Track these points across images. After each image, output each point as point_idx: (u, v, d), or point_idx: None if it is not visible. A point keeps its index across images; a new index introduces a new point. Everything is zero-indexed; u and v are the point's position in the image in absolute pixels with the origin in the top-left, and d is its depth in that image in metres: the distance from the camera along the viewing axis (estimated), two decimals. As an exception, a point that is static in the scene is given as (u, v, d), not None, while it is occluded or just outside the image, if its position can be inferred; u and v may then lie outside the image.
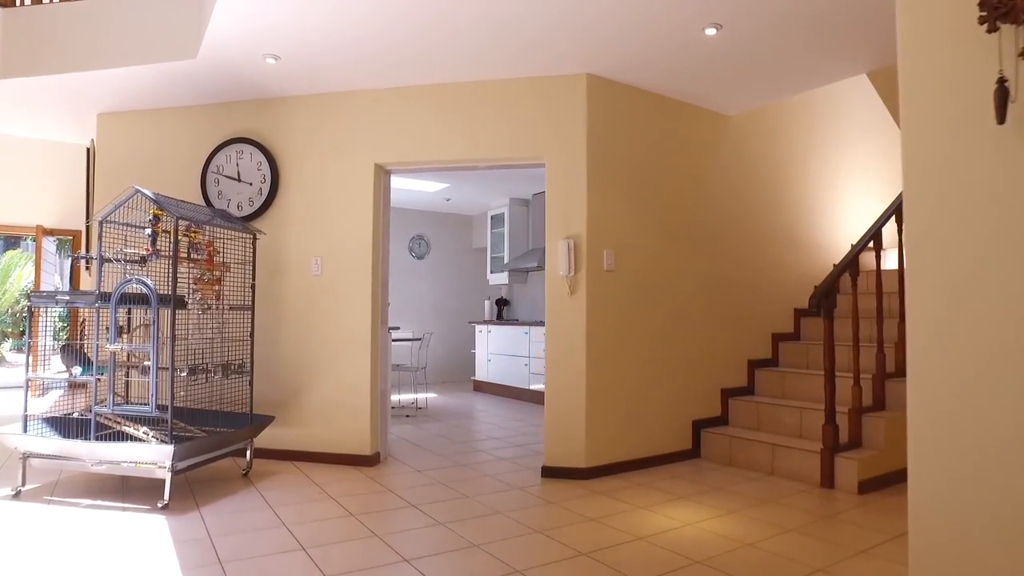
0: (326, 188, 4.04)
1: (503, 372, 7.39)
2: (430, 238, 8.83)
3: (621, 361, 3.86)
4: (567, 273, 3.66)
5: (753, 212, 4.64)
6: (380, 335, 4.02)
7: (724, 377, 4.43)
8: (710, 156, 4.39)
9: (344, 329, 3.95)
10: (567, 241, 3.67)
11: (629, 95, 3.95)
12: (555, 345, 3.74)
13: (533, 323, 6.99)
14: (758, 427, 4.17)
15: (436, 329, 8.70)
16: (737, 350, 4.51)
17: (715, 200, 4.40)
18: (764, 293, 4.69)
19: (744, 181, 4.60)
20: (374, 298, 3.96)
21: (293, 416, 4.01)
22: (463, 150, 3.88)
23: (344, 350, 3.95)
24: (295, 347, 4.02)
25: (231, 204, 4.13)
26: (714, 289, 4.37)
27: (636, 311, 3.94)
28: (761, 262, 4.69)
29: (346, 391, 3.94)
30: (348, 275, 3.97)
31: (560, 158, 3.77)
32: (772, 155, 4.81)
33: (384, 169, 4.08)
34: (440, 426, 5.37)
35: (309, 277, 4.03)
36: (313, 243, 4.04)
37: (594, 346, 3.72)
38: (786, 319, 4.87)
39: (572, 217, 3.74)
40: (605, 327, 3.79)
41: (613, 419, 3.81)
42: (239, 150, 4.14)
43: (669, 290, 4.11)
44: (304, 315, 4.02)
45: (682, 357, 4.17)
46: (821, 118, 5.22)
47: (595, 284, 3.74)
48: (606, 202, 3.82)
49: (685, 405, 4.18)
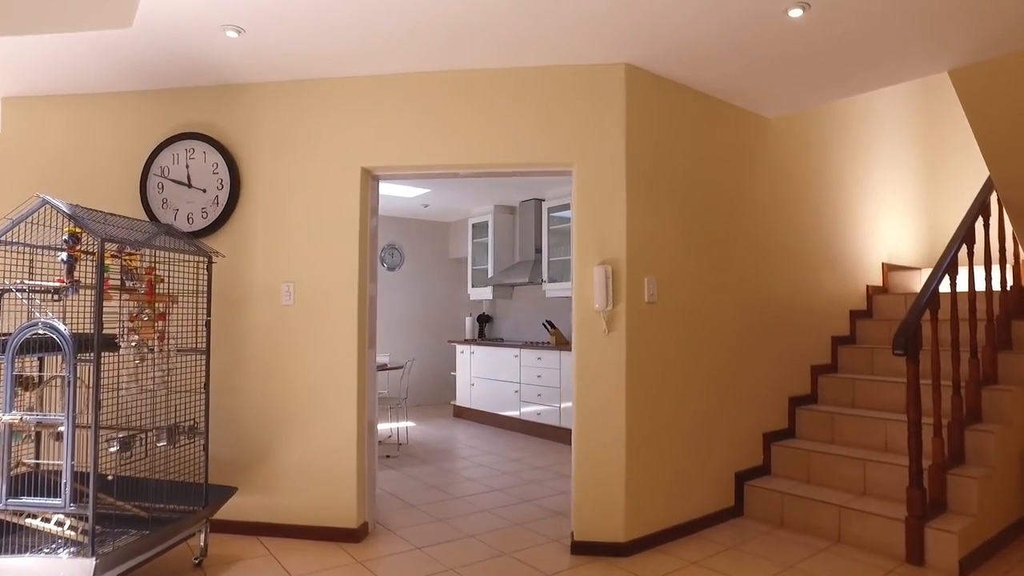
0: (301, 197, 3.27)
1: (489, 398, 6.70)
2: (404, 247, 8.06)
3: (664, 411, 3.23)
4: (604, 307, 3.01)
5: (792, 230, 4.10)
6: (368, 379, 3.28)
7: (765, 419, 3.86)
8: (751, 164, 3.81)
9: (324, 373, 3.20)
10: (604, 268, 3.02)
11: (670, 91, 3.33)
12: (587, 396, 3.08)
13: (524, 344, 6.32)
14: (808, 479, 3.61)
15: (411, 347, 7.93)
16: (776, 387, 3.95)
17: (757, 216, 3.83)
18: (802, 320, 4.16)
19: (783, 193, 4.05)
20: (361, 334, 3.22)
21: (260, 481, 3.22)
22: (471, 153, 3.18)
23: (324, 399, 3.20)
24: (261, 397, 3.24)
25: (179, 216, 3.32)
26: (756, 319, 3.79)
27: (680, 350, 3.32)
28: (800, 286, 4.15)
29: (327, 450, 3.18)
30: (328, 305, 3.21)
31: (592, 165, 3.12)
32: (809, 164, 4.28)
33: (372, 174, 3.34)
34: (429, 471, 4.64)
35: (278, 308, 3.26)
36: (284, 266, 3.27)
37: (635, 396, 3.08)
38: (824, 349, 4.34)
39: (608, 238, 3.09)
40: (647, 372, 3.15)
41: (655, 481, 3.18)
42: (190, 148, 3.33)
43: (713, 323, 3.51)
44: (273, 356, 3.24)
45: (724, 399, 3.57)
46: (853, 126, 4.73)
47: (636, 320, 3.10)
48: (647, 219, 3.19)
49: (727, 455, 3.59)
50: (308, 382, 3.21)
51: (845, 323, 4.54)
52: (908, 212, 5.29)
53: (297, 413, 3.21)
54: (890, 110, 5.14)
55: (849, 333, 4.55)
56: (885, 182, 5.02)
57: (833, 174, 4.47)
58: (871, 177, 4.85)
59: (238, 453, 3.23)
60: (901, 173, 5.24)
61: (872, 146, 4.89)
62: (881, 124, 5.03)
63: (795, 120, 4.11)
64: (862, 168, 4.77)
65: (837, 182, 4.51)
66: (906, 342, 2.89)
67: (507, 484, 4.30)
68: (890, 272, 4.96)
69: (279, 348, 3.24)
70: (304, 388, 3.21)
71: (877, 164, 4.93)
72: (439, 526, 3.42)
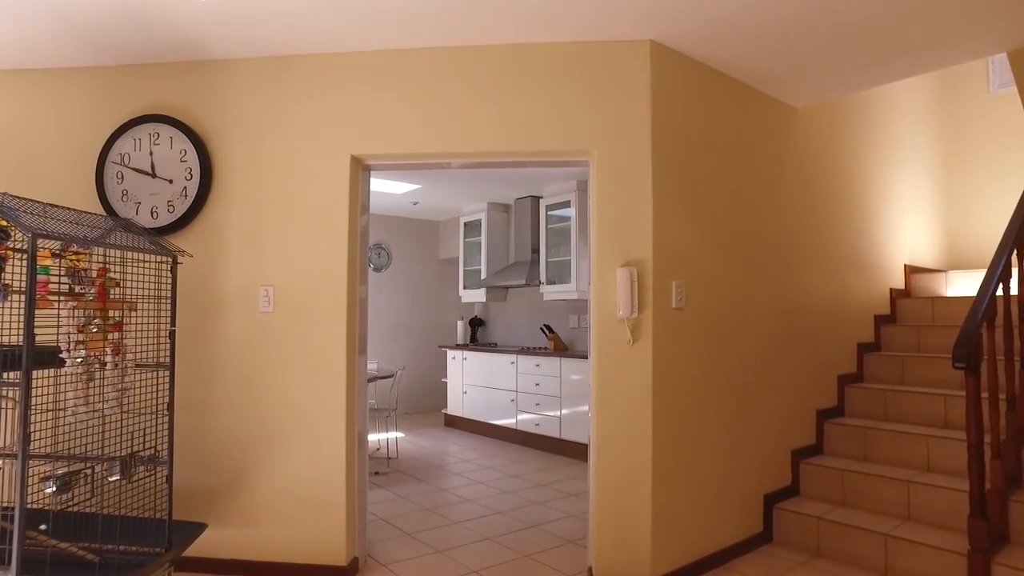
0: (282, 190, 2.88)
1: (483, 407, 6.32)
2: (391, 247, 7.65)
3: (692, 430, 2.89)
4: (629, 314, 2.66)
5: (818, 230, 3.79)
6: (358, 393, 2.90)
7: (792, 435, 3.54)
8: (778, 159, 3.50)
9: (308, 388, 2.81)
10: (629, 270, 2.67)
11: (697, 74, 3.00)
12: (608, 415, 2.72)
13: (520, 350, 5.96)
14: (843, 501, 3.29)
15: (399, 353, 7.53)
16: (803, 399, 3.63)
17: (783, 215, 3.52)
18: (828, 326, 3.85)
19: (809, 190, 3.73)
20: (350, 343, 2.84)
21: (235, 513, 2.82)
22: (476, 141, 2.82)
23: (308, 418, 2.81)
24: (236, 417, 2.84)
25: (141, 210, 2.91)
26: (783, 325, 3.47)
27: (707, 362, 2.99)
28: (826, 289, 3.84)
29: (311, 476, 2.79)
30: (313, 312, 2.83)
31: (614, 154, 2.77)
32: (835, 159, 3.97)
33: (363, 164, 2.96)
34: (423, 491, 4.26)
35: (256, 316, 2.86)
36: (262, 267, 2.87)
37: (663, 414, 2.74)
38: (849, 357, 4.04)
39: (633, 236, 2.74)
40: (674, 386, 2.81)
41: (684, 510, 2.84)
42: (154, 133, 2.92)
43: (740, 331, 3.18)
44: (249, 370, 2.85)
45: (751, 414, 3.25)
46: (877, 119, 4.44)
47: (663, 329, 2.76)
48: (673, 216, 2.85)
49: (755, 476, 3.26)
50: (290, 398, 2.82)
51: (870, 329, 4.25)
52: (928, 211, 5.03)
53: (277, 434, 2.82)
54: (911, 101, 4.87)
55: (874, 339, 4.26)
56: (906, 178, 4.74)
57: (858, 170, 4.18)
58: (893, 173, 4.57)
59: (210, 481, 2.83)
60: (921, 169, 4.97)
61: (893, 140, 4.61)
62: (902, 117, 4.75)
63: (822, 112, 3.80)
64: (885, 163, 4.48)
65: (861, 178, 4.21)
66: (968, 354, 2.58)
67: (509, 505, 3.94)
68: (912, 275, 4.69)
69: (256, 361, 2.84)
70: (285, 406, 2.82)
71: (898, 159, 4.65)
72: (438, 559, 3.05)
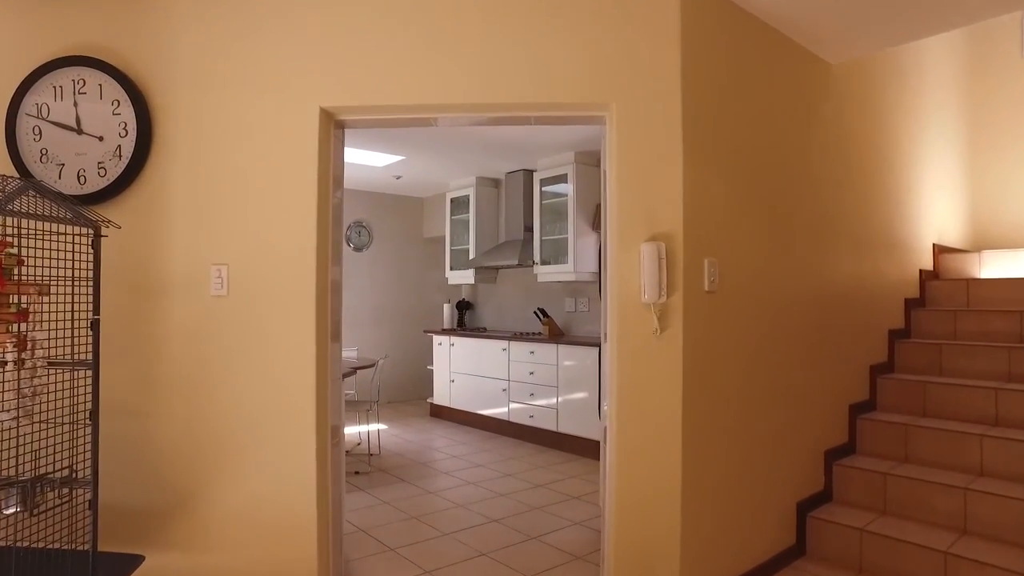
0: (238, 150, 2.38)
1: (471, 397, 5.90)
2: (372, 225, 7.14)
3: (724, 435, 2.48)
4: (656, 298, 2.22)
5: (851, 204, 3.38)
6: (331, 389, 2.44)
7: (825, 433, 3.16)
8: (812, 122, 3.07)
9: (271, 387, 2.34)
10: (656, 246, 2.22)
11: (731, 17, 2.54)
12: (631, 419, 2.29)
13: (513, 336, 5.53)
14: (884, 509, 2.93)
15: (381, 339, 7.07)
16: (835, 393, 3.25)
17: (816, 186, 3.10)
18: (860, 312, 3.46)
19: (844, 158, 3.32)
20: (320, 332, 2.37)
21: (182, 537, 2.36)
22: (469, 90, 2.34)
23: (271, 423, 2.35)
24: (183, 423, 2.36)
25: (66, 173, 2.40)
26: (816, 311, 3.07)
27: (740, 353, 2.57)
28: (858, 270, 3.44)
29: (276, 493, 2.34)
30: (276, 296, 2.35)
31: (637, 106, 2.31)
32: (868, 125, 3.56)
33: (335, 119, 2.46)
34: (408, 495, 3.83)
35: (206, 301, 2.38)
36: (214, 243, 2.39)
37: (693, 418, 2.32)
38: (880, 345, 3.66)
39: (659, 205, 2.30)
40: (706, 384, 2.39)
41: (716, 527, 2.44)
42: (79, 79, 2.40)
43: (775, 318, 2.77)
44: (198, 367, 2.37)
45: (784, 411, 2.85)
46: (907, 81, 4.03)
47: (694, 315, 2.33)
48: (707, 182, 2.41)
49: (788, 481, 2.88)
50: (248, 400, 2.35)
51: (900, 314, 3.87)
52: (955, 186, 4.65)
53: (234, 443, 2.36)
54: (939, 67, 4.46)
55: (904, 325, 3.89)
56: (935, 150, 4.35)
57: (889, 139, 3.77)
58: (922, 144, 4.17)
59: (151, 502, 2.36)
60: (949, 140, 4.58)
61: (923, 108, 4.20)
62: (932, 84, 4.34)
63: (855, 71, 3.37)
64: (915, 133, 4.08)
65: (892, 148, 3.80)
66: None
67: (505, 511, 3.52)
68: (941, 255, 4.32)
69: (207, 354, 2.36)
70: (243, 408, 2.35)
71: (927, 129, 4.25)
72: (427, 583, 2.63)
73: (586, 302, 5.56)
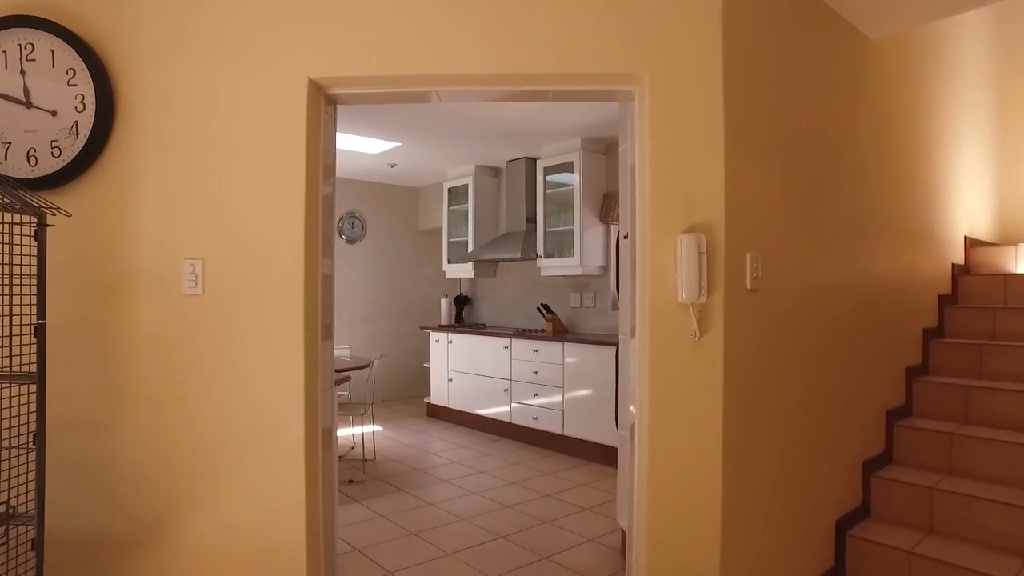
0: (214, 128, 2.08)
1: (471, 396, 5.62)
2: (366, 216, 6.83)
3: (767, 451, 2.21)
4: (695, 298, 1.94)
5: (890, 193, 3.11)
6: (322, 397, 2.15)
7: (863, 443, 2.90)
8: (854, 99, 2.79)
9: (254, 398, 2.05)
10: (696, 238, 1.94)
11: (774, -22, 2.26)
12: (664, 439, 2.01)
13: (515, 333, 5.24)
14: (931, 527, 2.67)
15: (375, 335, 6.78)
16: (871, 397, 2.99)
17: (859, 171, 2.82)
18: (894, 309, 3.20)
19: (884, 144, 3.05)
20: (310, 336, 2.07)
21: (149, 571, 2.07)
22: (478, 59, 2.04)
23: (254, 439, 2.05)
24: (152, 441, 2.06)
25: (13, 153, 2.08)
26: (854, 309, 2.81)
27: (781, 360, 2.30)
28: (894, 265, 3.18)
29: (259, 520, 2.05)
30: (259, 293, 2.05)
31: (674, 78, 2.02)
32: (906, 108, 3.29)
33: (326, 92, 2.16)
34: (405, 505, 3.55)
35: (178, 301, 2.07)
36: (187, 234, 2.08)
37: (735, 434, 2.04)
38: (914, 346, 3.41)
39: (698, 192, 2.01)
40: (748, 396, 2.11)
41: (754, 556, 2.17)
42: (26, 43, 2.08)
43: (815, 318, 2.50)
44: (170, 376, 2.07)
45: (821, 423, 2.59)
46: (944, 61, 3.76)
47: (735, 317, 2.05)
48: (750, 167, 2.12)
49: (827, 498, 2.62)
50: (227, 410, 2.05)
51: (934, 312, 3.62)
52: (985, 175, 4.39)
53: (210, 460, 2.06)
54: (970, 40, 4.19)
55: (937, 324, 3.64)
56: (967, 135, 4.09)
57: (925, 121, 3.50)
58: (954, 125, 3.91)
59: (115, 529, 2.06)
60: (979, 120, 4.31)
61: (954, 85, 3.93)
62: (963, 59, 4.07)
63: (894, 48, 3.10)
64: (948, 113, 3.81)
65: (928, 131, 3.53)
66: None
67: (513, 525, 3.25)
68: (973, 248, 4.06)
69: (179, 361, 2.07)
70: (221, 420, 2.06)
71: (959, 108, 3.98)
72: (431, 615, 2.35)
73: (592, 297, 5.28)
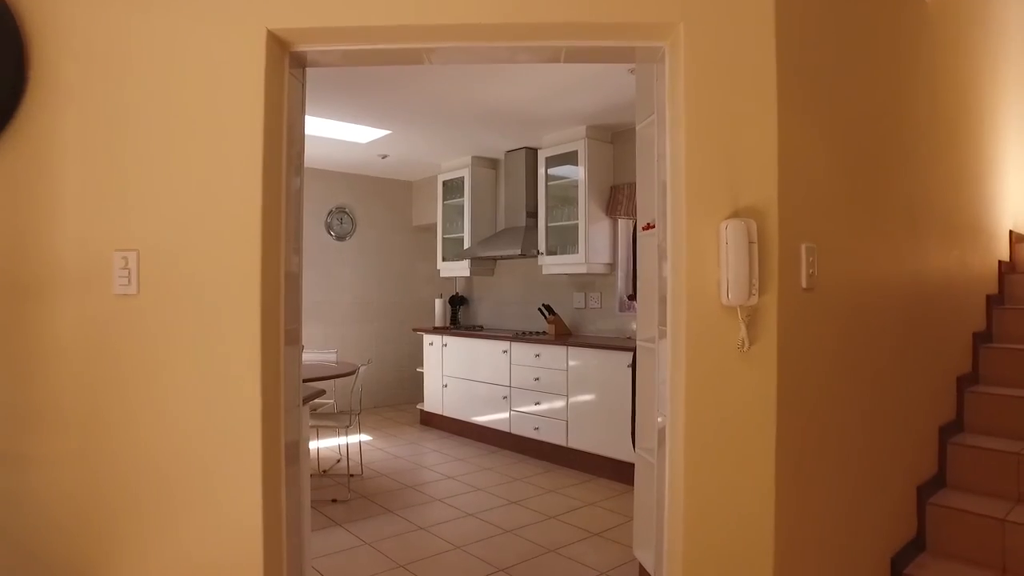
0: (152, 90, 1.69)
1: (467, 404, 5.24)
2: (355, 211, 6.45)
3: (818, 480, 1.84)
4: (745, 299, 1.57)
5: (944, 178, 2.75)
6: (288, 408, 1.77)
7: (917, 465, 2.53)
8: (909, 70, 2.43)
9: (200, 416, 1.67)
10: (745, 225, 1.57)
11: (829, -85, 1.89)
12: (703, 471, 1.63)
13: (515, 336, 4.87)
14: (1004, 566, 2.29)
15: (364, 337, 6.40)
16: (923, 412, 2.62)
17: (913, 153, 2.46)
18: (944, 312, 2.84)
19: (938, 120, 2.68)
20: (270, 339, 1.70)
21: (72, 634, 1.69)
22: (479, 5, 1.67)
23: (199, 469, 1.67)
24: (77, 470, 1.68)
25: (-96, 120, 1.70)
26: (906, 312, 2.44)
27: (836, 373, 1.93)
28: (945, 261, 2.82)
29: (205, 563, 1.67)
30: (208, 295, 1.67)
31: (715, 32, 1.64)
32: (964, 78, 2.92)
33: (290, 49, 1.78)
34: (395, 529, 3.17)
35: (108, 302, 1.69)
36: (119, 220, 1.70)
37: (787, 461, 1.67)
38: (964, 352, 3.05)
39: (745, 169, 1.64)
40: (802, 418, 1.74)
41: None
42: (-79, -13, 1.70)
43: (869, 323, 2.13)
44: (98, 393, 1.69)
45: (876, 444, 2.22)
46: (996, 31, 3.40)
47: (789, 323, 1.68)
48: (803, 140, 1.75)
49: (880, 529, 2.25)
50: (170, 432, 1.67)
51: (982, 314, 3.26)
52: None
53: (145, 498, 1.68)
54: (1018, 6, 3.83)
55: (985, 328, 3.28)
56: (1015, 115, 3.73)
57: (978, 101, 3.14)
58: (1004, 107, 3.55)
59: None
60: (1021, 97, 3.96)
61: (1001, 58, 3.57)
62: (1012, 26, 3.71)
63: (948, 13, 2.73)
64: (998, 92, 3.45)
65: (980, 113, 3.17)
66: None
67: (515, 555, 2.88)
68: (1018, 244, 3.70)
69: (111, 375, 1.68)
70: (162, 444, 1.68)
71: (1005, 84, 3.61)
72: (419, 677, 1.97)
73: (597, 297, 4.91)
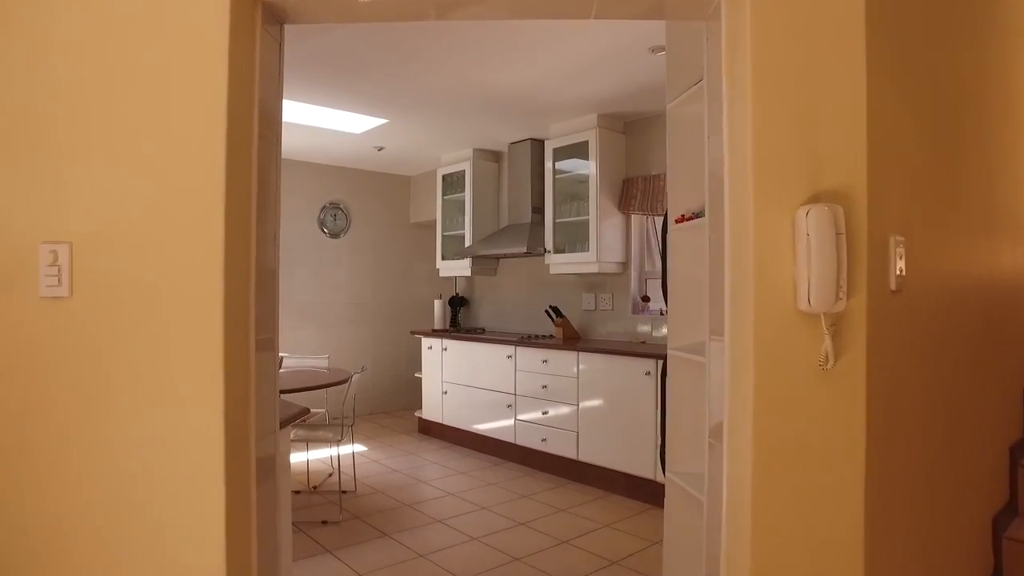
0: (90, 50, 1.37)
1: (468, 412, 4.91)
2: (350, 207, 6.12)
3: (900, 526, 1.52)
4: (831, 303, 1.24)
5: (1015, 168, 2.44)
6: (262, 434, 1.45)
7: (990, 492, 2.22)
8: (983, 43, 2.11)
9: (145, 454, 1.34)
10: (830, 210, 1.25)
11: None
12: (770, 528, 1.31)
13: (520, 340, 4.55)
14: (1092, 610, 1.99)
15: (359, 341, 6.07)
16: (994, 432, 2.31)
17: (988, 137, 2.15)
18: (1012, 317, 2.52)
19: (1014, 102, 2.37)
20: (235, 351, 1.37)
21: None
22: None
23: (143, 517, 1.35)
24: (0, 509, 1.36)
25: None
26: (979, 320, 2.12)
27: (925, 393, 1.61)
28: (1013, 260, 2.51)
29: (154, 637, 1.35)
30: (158, 296, 1.35)
31: (788, -28, 1.33)
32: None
33: (265, 2, 1.45)
34: (391, 555, 2.84)
35: (33, 304, 1.37)
36: (48, 207, 1.37)
37: (876, 498, 1.35)
38: (1026, 360, 2.74)
39: (826, 144, 1.32)
40: (892, 447, 1.42)
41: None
42: None
43: (952, 332, 1.82)
44: (23, 416, 1.36)
45: (958, 471, 1.90)
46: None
47: (879, 333, 1.36)
48: (895, 115, 1.43)
49: (958, 566, 1.94)
50: (112, 461, 1.35)
51: (1044, 318, 2.94)
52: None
53: (88, 533, 1.36)
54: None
55: (1044, 333, 2.96)
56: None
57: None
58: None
59: (-65, 653, 1.36)
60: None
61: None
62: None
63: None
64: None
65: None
66: None
67: (525, 592, 2.55)
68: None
69: (33, 397, 1.36)
70: (102, 476, 1.35)
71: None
72: None
73: (608, 298, 4.59)
